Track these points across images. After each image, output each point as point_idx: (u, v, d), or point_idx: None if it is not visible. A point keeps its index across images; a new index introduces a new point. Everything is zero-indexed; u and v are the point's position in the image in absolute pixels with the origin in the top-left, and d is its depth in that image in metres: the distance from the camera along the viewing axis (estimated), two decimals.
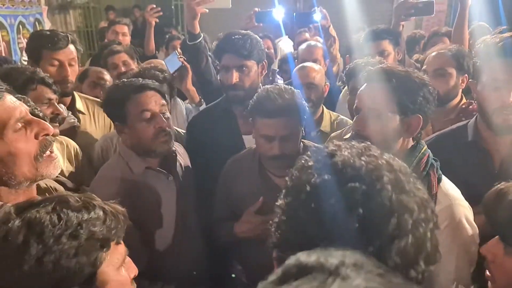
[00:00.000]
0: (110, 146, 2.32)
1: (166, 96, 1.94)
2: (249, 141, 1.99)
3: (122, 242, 0.98)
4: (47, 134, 1.23)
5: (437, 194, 1.44)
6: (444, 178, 1.51)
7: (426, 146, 1.56)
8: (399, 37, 2.84)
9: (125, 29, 4.30)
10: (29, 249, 0.83)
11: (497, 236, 1.21)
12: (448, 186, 1.50)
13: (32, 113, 1.26)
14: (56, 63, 2.29)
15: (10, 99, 1.18)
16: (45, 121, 1.27)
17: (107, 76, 2.94)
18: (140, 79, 1.86)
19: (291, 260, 0.55)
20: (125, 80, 1.89)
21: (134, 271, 1.04)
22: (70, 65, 2.33)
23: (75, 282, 0.87)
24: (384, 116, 1.45)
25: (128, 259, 1.03)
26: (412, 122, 1.45)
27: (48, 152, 1.23)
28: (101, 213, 0.92)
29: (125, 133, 1.81)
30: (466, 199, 1.47)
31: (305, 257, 0.54)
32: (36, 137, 1.20)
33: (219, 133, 2.11)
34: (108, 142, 2.34)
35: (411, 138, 1.51)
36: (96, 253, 0.89)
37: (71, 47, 2.35)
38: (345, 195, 0.72)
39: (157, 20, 3.89)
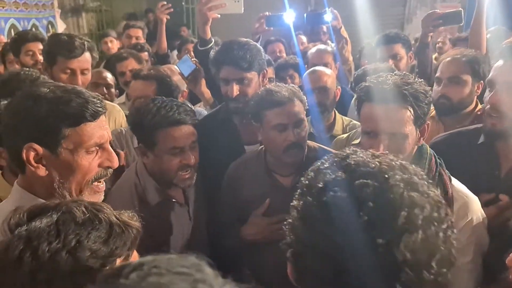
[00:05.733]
0: (120, 136, 2.34)
1: None
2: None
3: (132, 256, 0.90)
4: (110, 167, 1.28)
5: (452, 193, 1.48)
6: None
7: (428, 145, 1.59)
8: (426, 47, 2.79)
9: (140, 33, 4.33)
10: (23, 265, 0.78)
11: None
12: (457, 182, 1.54)
13: None
14: (69, 71, 2.27)
15: (101, 121, 1.25)
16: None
17: (106, 74, 3.00)
18: (175, 108, 1.72)
19: None
20: (163, 102, 1.74)
21: None
22: (82, 73, 2.30)
23: None
24: None
25: None
26: (424, 129, 1.54)
27: (96, 183, 1.27)
28: (107, 228, 0.85)
29: (148, 157, 1.76)
30: None
31: None
32: (99, 165, 1.25)
33: (220, 143, 2.03)
34: (118, 132, 2.36)
35: None
36: (96, 271, 0.80)
37: (87, 55, 2.31)
38: (355, 190, 0.74)
39: (168, 17, 3.83)
